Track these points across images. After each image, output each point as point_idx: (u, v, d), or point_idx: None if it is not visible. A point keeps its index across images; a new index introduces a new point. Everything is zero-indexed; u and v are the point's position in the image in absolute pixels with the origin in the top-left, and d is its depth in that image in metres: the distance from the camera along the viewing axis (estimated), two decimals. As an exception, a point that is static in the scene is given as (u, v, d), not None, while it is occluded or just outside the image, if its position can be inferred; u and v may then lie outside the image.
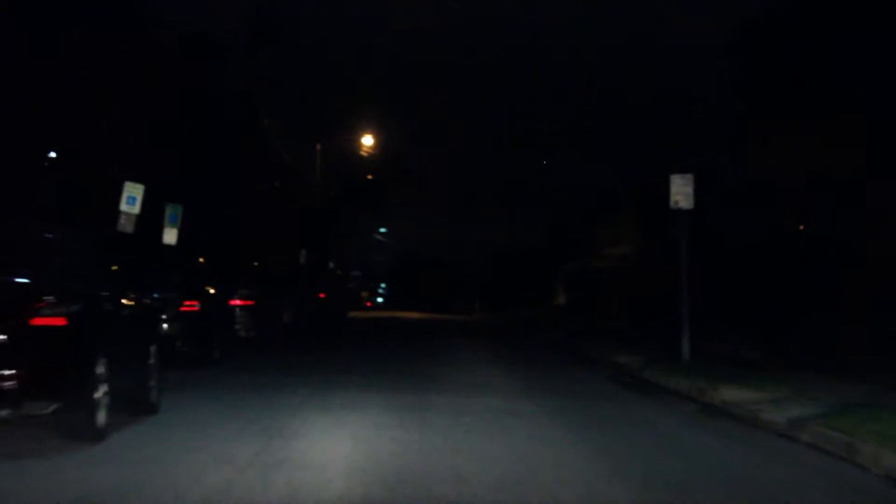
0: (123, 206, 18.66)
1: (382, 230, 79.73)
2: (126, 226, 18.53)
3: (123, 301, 9.08)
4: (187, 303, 14.72)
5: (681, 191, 15.67)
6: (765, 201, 28.24)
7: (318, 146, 49.82)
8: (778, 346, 19.15)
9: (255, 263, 21.73)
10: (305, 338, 23.58)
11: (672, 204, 15.73)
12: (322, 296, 32.25)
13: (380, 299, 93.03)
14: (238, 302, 19.56)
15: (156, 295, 14.73)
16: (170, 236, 21.88)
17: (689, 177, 15.75)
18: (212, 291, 16.52)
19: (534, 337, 29.71)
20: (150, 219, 21.82)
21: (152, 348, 9.59)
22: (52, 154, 23.40)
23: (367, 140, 53.16)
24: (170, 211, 21.98)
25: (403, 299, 76.71)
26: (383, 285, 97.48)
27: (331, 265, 54.85)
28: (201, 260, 16.92)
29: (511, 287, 68.23)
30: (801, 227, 30.17)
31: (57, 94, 20.82)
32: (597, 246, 52.26)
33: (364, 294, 72.21)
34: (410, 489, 6.56)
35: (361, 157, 56.90)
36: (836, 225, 27.04)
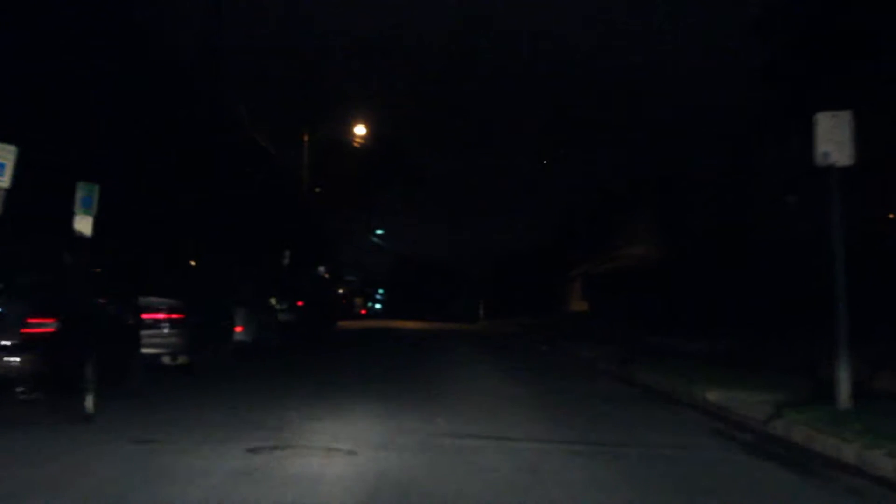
0: (-16, 178, 12.93)
1: (379, 231, 73.96)
2: (-10, 206, 12.81)
3: None
4: (35, 321, 8.89)
5: (832, 137, 9.88)
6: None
7: (306, 137, 44.74)
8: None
9: (192, 262, 15.99)
10: (266, 360, 17.71)
11: (818, 159, 9.94)
12: (300, 304, 26.38)
13: (378, 305, 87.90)
14: (160, 315, 13.80)
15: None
16: (83, 225, 16.25)
17: (846, 115, 9.94)
18: (103, 302, 10.74)
19: (560, 353, 23.89)
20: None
21: None
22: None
23: (360, 130, 47.91)
24: (82, 192, 16.35)
25: (402, 306, 72.21)
26: (381, 291, 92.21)
27: (321, 269, 49.35)
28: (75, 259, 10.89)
29: (517, 292, 63.23)
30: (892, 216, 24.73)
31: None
32: (610, 246, 47.55)
33: (358, 300, 66.36)
34: None
35: (354, 150, 51.68)
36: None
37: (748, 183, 30.43)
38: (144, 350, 13.35)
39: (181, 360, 13.91)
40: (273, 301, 24.37)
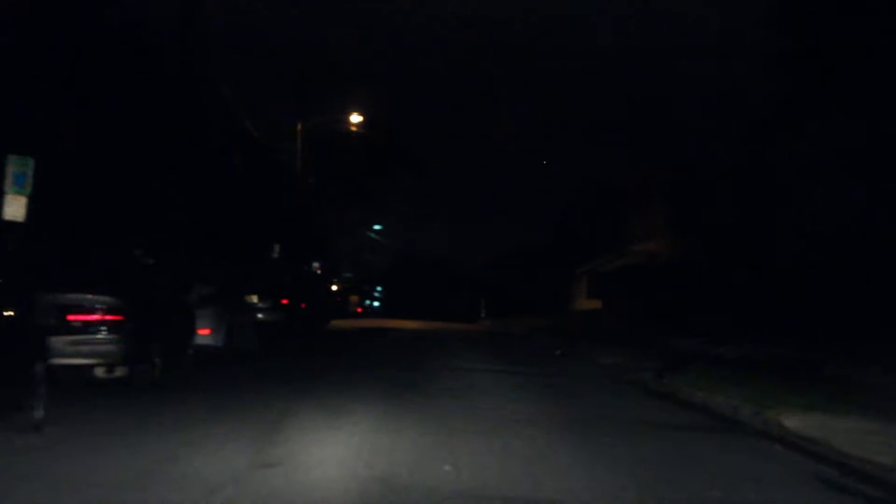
0: None
1: (377, 227, 71.36)
2: None
3: None
4: None
5: None
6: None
7: (300, 126, 42.27)
8: None
9: (139, 252, 13.25)
10: (235, 369, 14.89)
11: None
12: (285, 302, 23.66)
13: (376, 304, 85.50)
14: (93, 317, 11.02)
15: None
16: (14, 207, 13.56)
17: None
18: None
19: (577, 359, 21.17)
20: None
21: None
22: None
23: (356, 118, 45.44)
24: (14, 167, 13.63)
25: (401, 304, 69.94)
26: (379, 289, 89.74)
27: (315, 264, 46.79)
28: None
29: (520, 290, 60.77)
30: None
31: None
32: (618, 243, 45.09)
33: (353, 298, 63.60)
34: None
35: (352, 141, 49.11)
36: None
37: (764, 176, 27.92)
38: (72, 361, 10.72)
39: (119, 372, 11.12)
40: (254, 299, 21.72)
